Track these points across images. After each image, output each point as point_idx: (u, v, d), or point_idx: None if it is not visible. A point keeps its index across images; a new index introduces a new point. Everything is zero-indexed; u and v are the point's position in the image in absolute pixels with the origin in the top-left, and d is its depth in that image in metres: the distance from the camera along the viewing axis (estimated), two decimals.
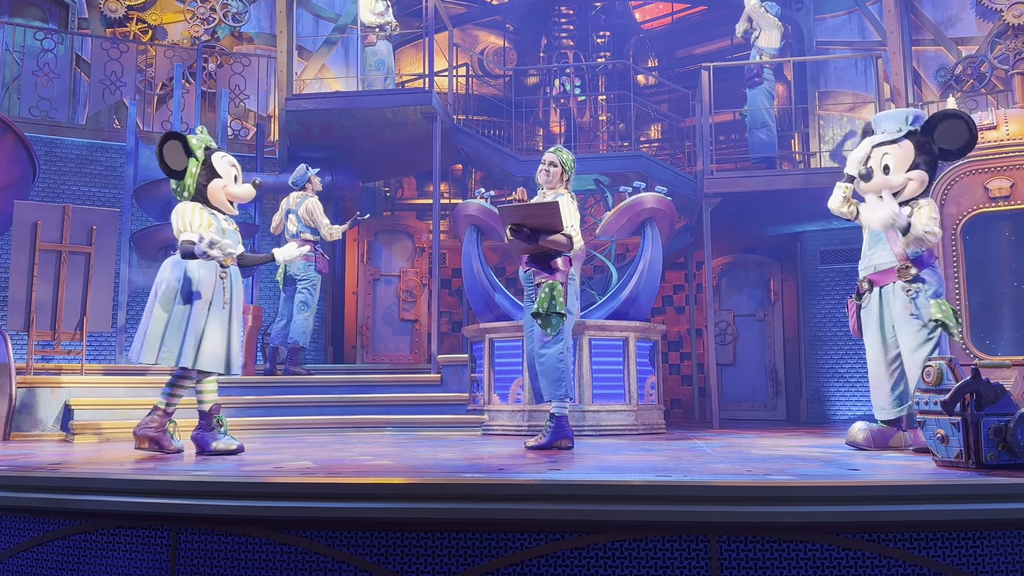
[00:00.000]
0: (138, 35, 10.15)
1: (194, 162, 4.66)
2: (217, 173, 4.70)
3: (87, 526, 3.05)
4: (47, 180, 8.96)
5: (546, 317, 4.89)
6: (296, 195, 7.99)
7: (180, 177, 4.66)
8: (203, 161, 4.68)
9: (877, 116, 4.87)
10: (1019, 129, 7.16)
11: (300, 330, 7.78)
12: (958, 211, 7.18)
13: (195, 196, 4.69)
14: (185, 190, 4.68)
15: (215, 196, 4.71)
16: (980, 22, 9.33)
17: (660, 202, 7.45)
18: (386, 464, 3.90)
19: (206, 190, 4.68)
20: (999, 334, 7.06)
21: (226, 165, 4.76)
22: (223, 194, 4.72)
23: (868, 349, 4.72)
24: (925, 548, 2.64)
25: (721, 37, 11.96)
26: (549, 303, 4.87)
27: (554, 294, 4.89)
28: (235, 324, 4.73)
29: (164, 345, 4.50)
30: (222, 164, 4.74)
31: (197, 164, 4.66)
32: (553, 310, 4.87)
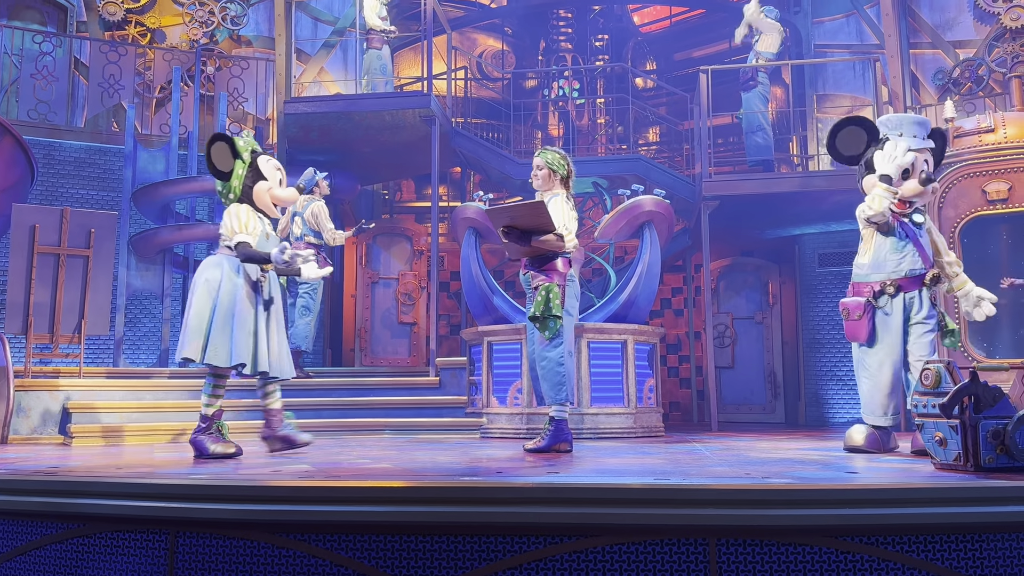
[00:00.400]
0: (136, 38, 10.15)
1: (240, 164, 4.71)
2: (263, 175, 4.75)
3: (84, 530, 3.04)
4: (45, 183, 8.95)
5: (543, 320, 4.87)
6: (302, 198, 7.94)
7: (227, 179, 4.72)
8: (249, 163, 4.73)
9: (901, 117, 4.83)
10: (1017, 132, 7.18)
11: (302, 334, 7.75)
12: (956, 214, 7.20)
13: (240, 198, 4.74)
14: (231, 191, 4.73)
15: (260, 198, 4.76)
16: (978, 25, 9.34)
17: (658, 205, 7.45)
18: (384, 467, 3.89)
19: (252, 192, 4.73)
20: (997, 337, 7.07)
21: (272, 168, 4.82)
22: (268, 196, 4.77)
23: (881, 353, 4.59)
24: (924, 551, 2.64)
25: (719, 40, 11.98)
26: (545, 306, 4.85)
27: (550, 296, 4.86)
28: (275, 325, 4.74)
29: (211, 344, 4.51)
30: (268, 167, 4.79)
31: (243, 166, 4.72)
32: (549, 313, 4.85)
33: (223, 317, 4.52)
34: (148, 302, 9.20)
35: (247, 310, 4.59)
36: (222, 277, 4.58)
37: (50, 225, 6.88)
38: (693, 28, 12.72)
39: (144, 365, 8.96)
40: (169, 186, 8.58)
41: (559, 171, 5.09)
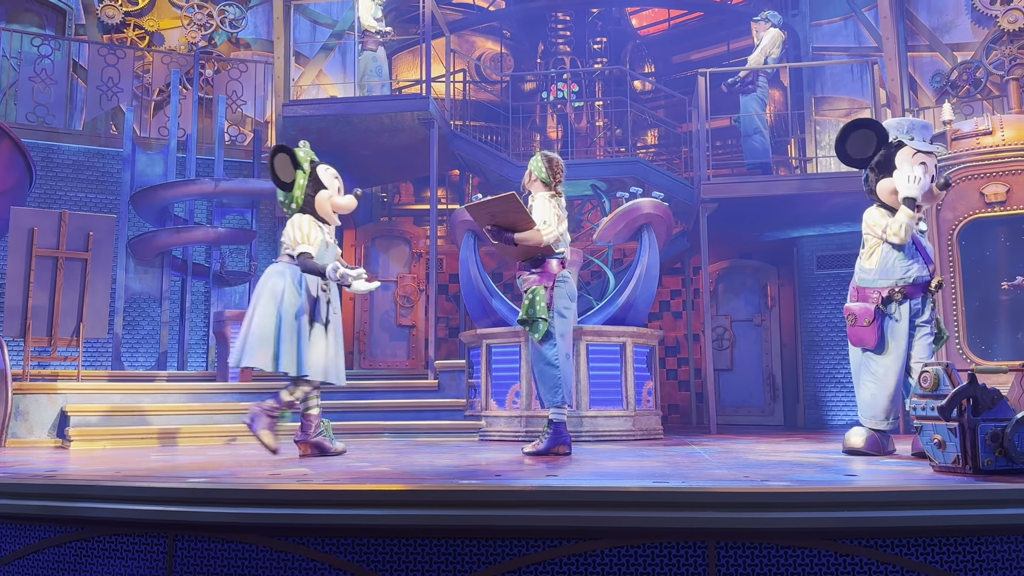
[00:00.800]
0: (135, 41, 10.15)
1: (301, 174, 4.83)
2: (323, 185, 4.86)
3: (83, 533, 3.04)
4: (44, 186, 8.95)
5: (531, 323, 4.90)
6: None
7: (289, 189, 4.82)
8: (309, 173, 4.84)
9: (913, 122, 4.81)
10: (1015, 135, 7.19)
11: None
12: (954, 216, 7.20)
13: (303, 208, 4.84)
14: (293, 201, 4.83)
15: (322, 207, 4.87)
16: (975, 28, 9.36)
17: (657, 207, 7.46)
18: (383, 470, 3.89)
19: (313, 201, 4.84)
20: (995, 339, 7.07)
21: (330, 177, 4.93)
22: (329, 205, 4.88)
23: (889, 359, 4.56)
24: (922, 554, 2.64)
25: (717, 43, 12.00)
26: (534, 308, 4.88)
27: (535, 299, 4.89)
28: (334, 335, 4.86)
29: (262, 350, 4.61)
30: (327, 176, 4.91)
31: (304, 176, 4.83)
32: (536, 315, 4.87)
33: (289, 327, 4.64)
34: (146, 305, 9.20)
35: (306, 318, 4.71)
36: (285, 286, 4.70)
37: (48, 228, 6.88)
38: (691, 31, 12.73)
39: (143, 368, 8.96)
40: (167, 189, 8.58)
41: (536, 173, 5.13)
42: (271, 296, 4.67)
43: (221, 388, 7.21)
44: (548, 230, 4.90)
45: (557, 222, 4.95)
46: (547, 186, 5.11)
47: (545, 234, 4.89)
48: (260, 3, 10.59)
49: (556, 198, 5.07)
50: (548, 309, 4.88)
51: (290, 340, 4.62)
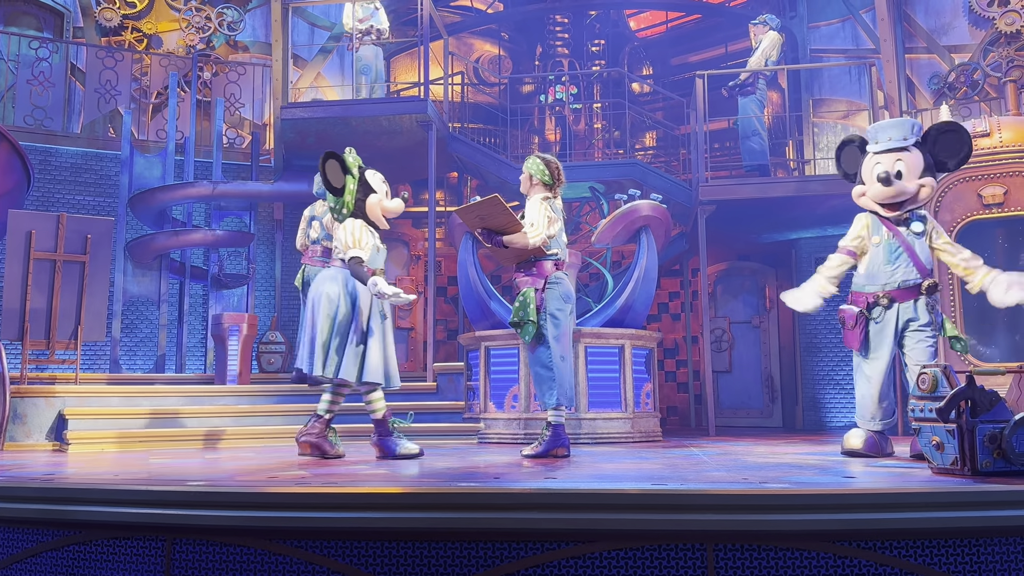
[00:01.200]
0: (133, 44, 10.15)
1: (351, 179, 4.88)
2: (372, 189, 4.93)
3: (81, 537, 3.03)
4: (42, 189, 8.95)
5: (521, 326, 4.91)
6: (322, 203, 7.85)
7: (340, 194, 4.86)
8: (358, 178, 4.90)
9: (876, 125, 4.88)
10: (1012, 136, 7.20)
11: None
12: (952, 218, 7.21)
13: (353, 212, 4.89)
14: (344, 207, 4.88)
15: (373, 211, 4.93)
16: (973, 30, 9.38)
17: (655, 209, 7.46)
18: (382, 473, 3.89)
19: (364, 206, 4.90)
20: (994, 341, 7.08)
21: (379, 181, 5.00)
22: (379, 209, 4.94)
23: (874, 362, 4.63)
24: (921, 556, 2.64)
25: (715, 45, 12.00)
26: (522, 311, 4.90)
27: (525, 301, 4.91)
28: (390, 338, 4.93)
29: (329, 357, 4.72)
30: (375, 180, 4.97)
31: (354, 181, 4.88)
32: (525, 318, 4.88)
33: (340, 332, 4.74)
34: (144, 308, 9.19)
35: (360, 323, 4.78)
36: (340, 292, 4.78)
37: (46, 231, 6.87)
38: (689, 33, 12.74)
39: (141, 371, 8.95)
40: (165, 192, 8.58)
41: (537, 175, 5.14)
42: (328, 303, 4.76)
43: (219, 391, 7.20)
44: (534, 232, 4.92)
45: (548, 224, 4.95)
46: (548, 188, 5.12)
47: (531, 236, 4.91)
48: (258, 6, 10.59)
49: (551, 200, 5.07)
50: (538, 311, 4.90)
51: (351, 347, 4.72)
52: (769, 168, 9.14)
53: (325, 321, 4.74)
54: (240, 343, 7.77)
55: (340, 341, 4.74)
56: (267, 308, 9.45)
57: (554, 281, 5.00)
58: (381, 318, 4.86)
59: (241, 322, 7.82)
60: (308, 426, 4.91)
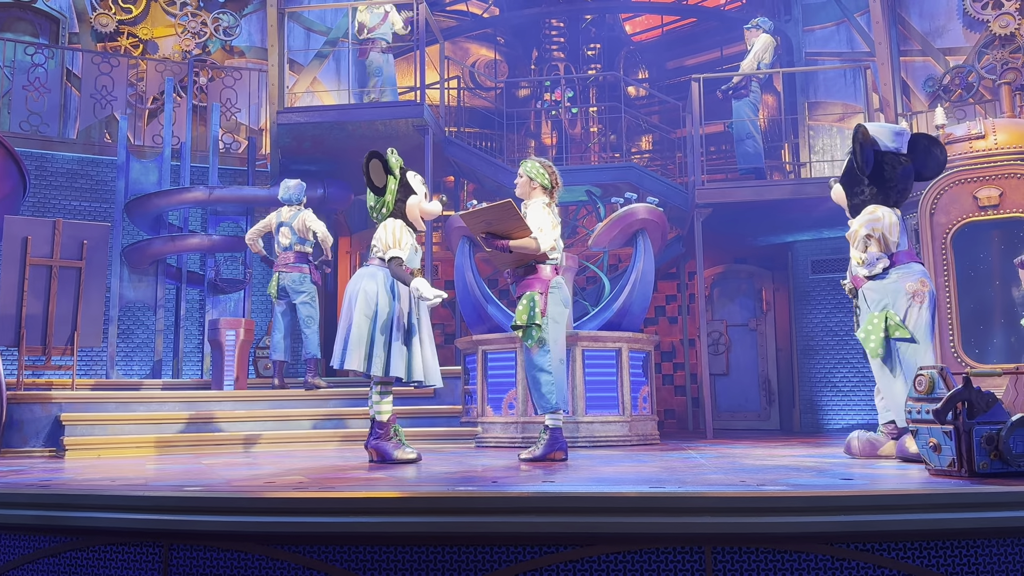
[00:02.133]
0: (129, 49, 10.15)
1: (392, 180, 4.91)
2: (413, 190, 4.96)
3: (78, 543, 3.03)
4: (38, 195, 8.94)
5: (525, 329, 4.91)
6: (288, 209, 7.82)
7: (382, 194, 4.91)
8: (400, 179, 4.93)
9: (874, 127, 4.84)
10: (1007, 138, 7.22)
11: (316, 343, 7.69)
12: (948, 220, 7.23)
13: (393, 212, 4.92)
14: (384, 206, 4.91)
15: (412, 212, 4.96)
16: (967, 32, 9.41)
17: (651, 213, 7.47)
18: (380, 477, 3.88)
19: (404, 206, 4.93)
20: (990, 342, 7.09)
21: (419, 183, 5.03)
22: (418, 210, 4.96)
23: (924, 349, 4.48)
24: (919, 557, 2.64)
25: (711, 49, 12.03)
26: (528, 314, 4.89)
27: (531, 305, 4.90)
28: (428, 337, 4.93)
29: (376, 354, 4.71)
30: (415, 182, 5.01)
31: (395, 181, 4.91)
32: (530, 321, 4.88)
33: (383, 329, 4.74)
34: (141, 313, 9.18)
35: (402, 321, 4.81)
36: (378, 289, 4.79)
37: (42, 237, 6.86)
38: (685, 37, 12.77)
39: (137, 377, 8.93)
40: (162, 197, 8.57)
41: (537, 179, 5.13)
42: (365, 300, 4.76)
43: (216, 396, 7.19)
44: (543, 237, 4.91)
45: (551, 229, 4.96)
46: (547, 192, 5.13)
47: (541, 241, 4.90)
48: (254, 11, 10.60)
49: (550, 205, 5.08)
50: (542, 315, 4.89)
51: (382, 344, 4.73)
52: (764, 171, 9.15)
53: (363, 319, 4.73)
54: (237, 348, 7.76)
55: (385, 339, 4.73)
56: (264, 313, 9.44)
57: (555, 286, 5.01)
58: (416, 316, 4.89)
59: (238, 327, 7.80)
60: (372, 433, 4.87)
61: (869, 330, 4.50)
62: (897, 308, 4.46)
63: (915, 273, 4.54)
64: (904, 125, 4.85)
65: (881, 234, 4.56)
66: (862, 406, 9.30)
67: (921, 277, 4.53)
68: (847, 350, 9.41)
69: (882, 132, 4.65)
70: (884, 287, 4.53)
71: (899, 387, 4.45)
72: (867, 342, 4.50)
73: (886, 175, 4.60)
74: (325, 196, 9.31)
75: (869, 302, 4.58)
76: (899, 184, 4.63)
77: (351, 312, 4.77)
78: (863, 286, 4.63)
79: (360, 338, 4.71)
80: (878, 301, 4.53)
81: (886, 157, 4.61)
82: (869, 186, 4.65)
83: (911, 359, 4.40)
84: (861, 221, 4.62)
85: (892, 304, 4.47)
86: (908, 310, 4.46)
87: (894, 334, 4.41)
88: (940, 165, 4.72)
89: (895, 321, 4.42)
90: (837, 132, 9.96)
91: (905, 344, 4.42)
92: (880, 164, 4.60)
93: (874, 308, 4.53)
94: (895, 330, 4.41)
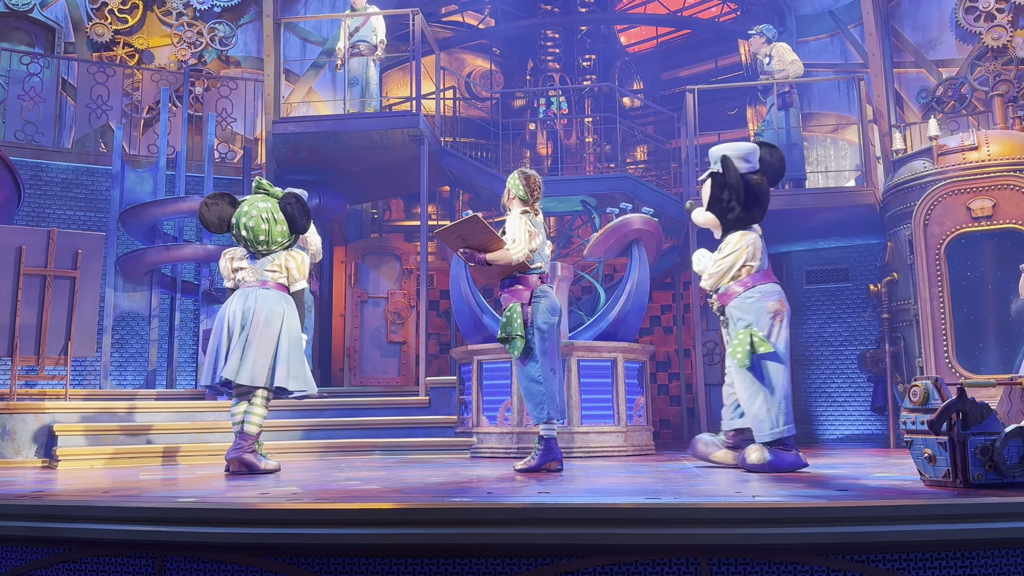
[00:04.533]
0: (125, 59, 10.15)
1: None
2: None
3: (71, 554, 3.01)
4: (32, 204, 8.91)
5: (509, 341, 4.92)
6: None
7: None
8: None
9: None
10: (1000, 150, 7.26)
11: (307, 354, 7.66)
12: (941, 231, 7.25)
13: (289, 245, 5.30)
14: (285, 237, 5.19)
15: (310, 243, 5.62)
16: (960, 44, 9.47)
17: (647, 223, 7.48)
18: (374, 489, 3.87)
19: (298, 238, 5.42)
20: (984, 353, 7.11)
21: None
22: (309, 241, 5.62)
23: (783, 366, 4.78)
24: (914, 568, 2.64)
25: (705, 60, 12.10)
26: (511, 326, 4.93)
27: (512, 316, 4.94)
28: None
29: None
30: None
31: None
32: (512, 333, 4.90)
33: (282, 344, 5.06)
34: (135, 323, 9.15)
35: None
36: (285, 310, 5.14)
37: (37, 246, 6.84)
38: (679, 48, 12.84)
39: (131, 387, 8.90)
40: (157, 206, 8.56)
41: (513, 191, 5.20)
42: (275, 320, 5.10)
43: (210, 407, 7.16)
44: (516, 248, 4.94)
45: (528, 238, 4.97)
46: (525, 203, 5.16)
47: (514, 252, 4.93)
48: (250, 21, 10.62)
49: (530, 214, 5.09)
50: (525, 326, 4.91)
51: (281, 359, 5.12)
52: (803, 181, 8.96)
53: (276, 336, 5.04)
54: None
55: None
56: None
57: (539, 295, 5.01)
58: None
59: None
60: (235, 444, 5.01)
61: (736, 346, 4.74)
62: (760, 326, 4.71)
63: (775, 294, 4.82)
64: (752, 145, 4.95)
65: (745, 260, 4.83)
66: (856, 416, 9.30)
67: (780, 297, 4.83)
68: (842, 360, 9.42)
69: (738, 156, 4.87)
70: (748, 306, 4.78)
71: (760, 401, 4.70)
72: (734, 354, 4.74)
73: (753, 195, 4.85)
74: (321, 206, 9.31)
75: (734, 320, 4.82)
76: (764, 201, 4.91)
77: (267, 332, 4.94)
78: (729, 304, 4.86)
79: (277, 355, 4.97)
80: (742, 319, 4.77)
81: (747, 179, 4.85)
82: (742, 209, 4.86)
83: (773, 374, 4.70)
84: (733, 249, 4.87)
85: (755, 322, 4.72)
86: (771, 328, 4.72)
87: (759, 349, 4.66)
88: (780, 170, 5.00)
89: (759, 337, 4.68)
90: (831, 143, 10.00)
91: (768, 361, 4.70)
92: (746, 187, 4.84)
93: (739, 326, 4.77)
94: (760, 345, 4.66)
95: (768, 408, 4.66)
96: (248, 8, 10.62)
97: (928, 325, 7.18)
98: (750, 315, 4.74)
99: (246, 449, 4.89)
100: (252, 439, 4.94)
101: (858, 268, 9.20)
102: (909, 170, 7.75)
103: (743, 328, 4.72)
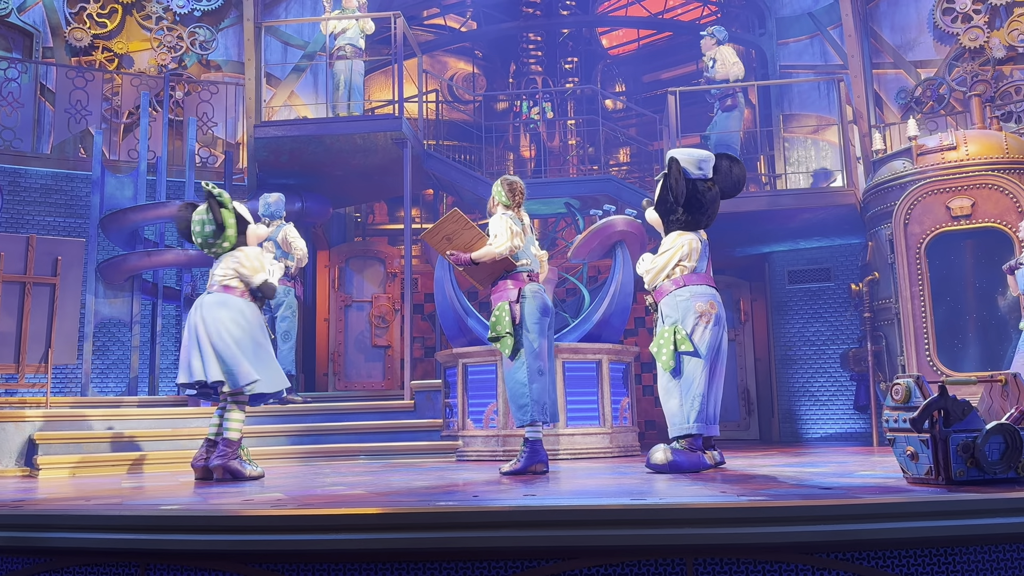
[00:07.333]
0: (104, 64, 10.07)
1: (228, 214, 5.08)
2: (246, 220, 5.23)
3: (52, 564, 2.97)
4: (11, 210, 8.82)
5: (499, 340, 4.95)
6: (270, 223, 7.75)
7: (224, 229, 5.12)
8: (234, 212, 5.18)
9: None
10: (979, 149, 7.33)
11: (291, 359, 7.63)
12: (921, 231, 7.32)
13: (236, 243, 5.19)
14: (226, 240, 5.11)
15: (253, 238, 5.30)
16: (938, 45, 9.56)
17: (630, 225, 7.51)
18: (359, 493, 3.85)
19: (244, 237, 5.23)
20: (964, 351, 7.17)
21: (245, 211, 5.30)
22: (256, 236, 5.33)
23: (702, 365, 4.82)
24: (898, 565, 2.65)
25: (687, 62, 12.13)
26: (498, 325, 4.97)
27: (501, 315, 4.98)
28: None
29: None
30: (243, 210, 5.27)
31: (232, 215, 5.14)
32: (502, 332, 4.94)
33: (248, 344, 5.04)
34: (116, 329, 9.07)
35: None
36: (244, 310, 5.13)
37: (16, 253, 6.77)
38: (660, 50, 12.88)
39: (113, 394, 8.81)
40: (137, 212, 8.48)
41: (496, 197, 5.25)
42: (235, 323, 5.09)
43: (192, 413, 7.10)
44: (498, 242, 5.00)
45: (510, 235, 5.02)
46: (508, 207, 5.20)
47: (496, 246, 4.98)
48: (230, 25, 10.56)
49: (513, 215, 5.13)
50: (514, 324, 4.93)
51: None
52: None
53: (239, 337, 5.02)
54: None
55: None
56: None
57: (527, 294, 5.02)
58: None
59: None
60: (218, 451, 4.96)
61: (660, 344, 4.80)
62: (685, 324, 4.77)
63: (707, 296, 4.88)
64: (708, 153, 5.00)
65: (679, 259, 4.89)
66: (839, 415, 9.37)
67: (711, 300, 4.88)
68: (824, 360, 9.48)
69: (689, 161, 4.90)
70: (677, 304, 4.84)
71: (675, 401, 4.76)
72: (659, 355, 4.79)
73: (696, 201, 4.89)
74: (304, 210, 9.27)
75: (663, 316, 4.87)
76: (708, 208, 4.95)
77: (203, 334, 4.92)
78: (660, 301, 4.92)
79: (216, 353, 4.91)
80: (670, 316, 4.83)
81: (696, 184, 4.87)
82: (683, 212, 4.91)
83: (690, 372, 4.74)
84: (668, 247, 4.94)
85: (681, 320, 4.77)
86: (695, 328, 4.77)
87: (680, 347, 4.73)
88: (738, 183, 5.03)
89: (682, 335, 4.74)
90: (812, 144, 10.07)
91: (687, 358, 4.74)
92: (692, 192, 4.86)
93: (666, 323, 4.83)
94: (681, 343, 4.73)
95: (681, 404, 4.72)
96: (228, 12, 10.57)
97: (909, 323, 7.24)
98: (677, 312, 4.79)
99: (230, 456, 4.86)
100: (235, 445, 4.90)
101: (840, 268, 9.27)
102: (889, 170, 7.82)
103: (669, 325, 4.78)
